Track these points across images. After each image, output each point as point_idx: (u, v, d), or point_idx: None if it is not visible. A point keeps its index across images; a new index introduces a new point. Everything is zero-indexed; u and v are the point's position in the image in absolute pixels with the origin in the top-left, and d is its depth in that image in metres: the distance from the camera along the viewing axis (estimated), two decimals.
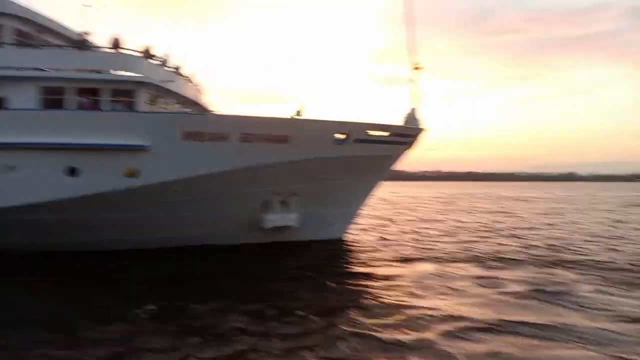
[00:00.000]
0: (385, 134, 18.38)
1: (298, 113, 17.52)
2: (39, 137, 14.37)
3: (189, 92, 20.10)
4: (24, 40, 16.94)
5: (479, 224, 27.34)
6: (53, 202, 14.41)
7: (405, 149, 19.12)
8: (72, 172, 14.60)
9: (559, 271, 13.87)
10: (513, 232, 23.03)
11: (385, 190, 32.29)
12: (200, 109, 21.01)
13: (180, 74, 19.56)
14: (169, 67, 18.60)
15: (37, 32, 17.44)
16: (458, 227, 25.59)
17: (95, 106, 15.76)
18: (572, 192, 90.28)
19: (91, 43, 17.21)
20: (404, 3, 18.62)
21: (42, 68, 16.06)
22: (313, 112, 17.43)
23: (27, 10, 17.07)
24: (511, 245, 18.64)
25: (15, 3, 16.74)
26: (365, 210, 21.77)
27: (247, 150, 15.84)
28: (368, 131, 17.62)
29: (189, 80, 20.79)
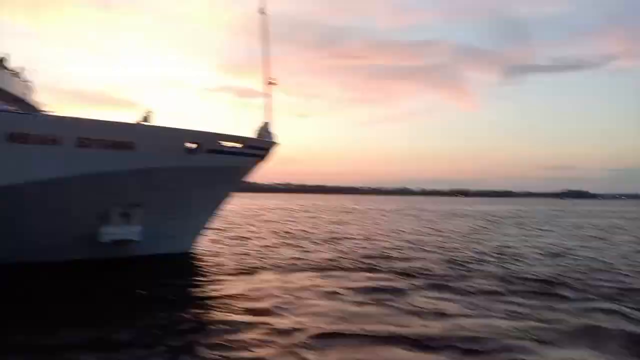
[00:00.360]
0: (238, 145, 18.24)
1: (145, 119, 16.47)
2: None
3: (13, 88, 17.62)
4: None
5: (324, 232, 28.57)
6: None
7: (258, 162, 19.19)
8: None
9: (384, 275, 14.97)
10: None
11: (236, 202, 31.88)
12: (28, 108, 18.53)
13: (4, 68, 17.11)
14: None
15: None
16: (303, 236, 26.40)
17: None
18: (402, 204, 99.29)
19: None
20: (260, 19, 18.85)
21: None
22: (161, 120, 16.43)
23: None
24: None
25: None
26: (215, 221, 21.19)
27: (84, 156, 14.41)
28: (221, 142, 17.29)
29: (15, 75, 18.27)
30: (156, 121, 16.72)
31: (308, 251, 20.46)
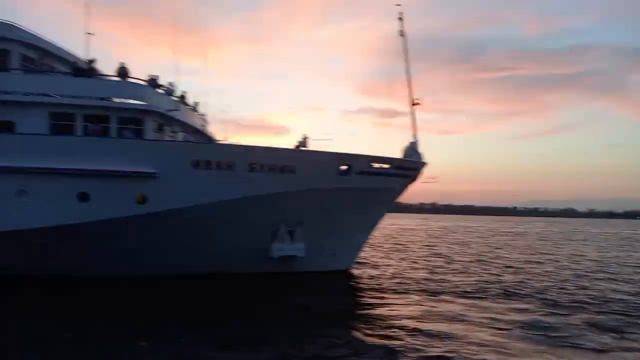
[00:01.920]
0: (387, 166, 18.53)
1: (302, 143, 17.71)
2: (48, 162, 14.36)
3: (194, 121, 20.28)
4: (29, 66, 17.13)
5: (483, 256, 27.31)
6: (64, 226, 14.33)
7: (408, 182, 19.26)
8: (84, 197, 14.55)
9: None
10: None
11: (386, 222, 32.28)
12: (205, 138, 21.16)
13: (185, 103, 19.78)
14: (174, 97, 18.83)
15: (42, 58, 17.67)
16: (471, 260, 25.53)
17: (102, 133, 15.85)
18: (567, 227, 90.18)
19: (97, 70, 17.44)
20: (400, 41, 19.17)
21: (50, 94, 16.18)
22: (315, 144, 17.57)
23: (32, 35, 17.31)
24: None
25: (21, 29, 16.98)
26: (370, 241, 21.77)
27: (254, 179, 15.89)
28: (371, 163, 17.76)
29: (194, 109, 21.02)
30: (311, 146, 17.95)
31: (467, 274, 19.80)
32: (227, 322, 11.51)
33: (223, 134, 22.59)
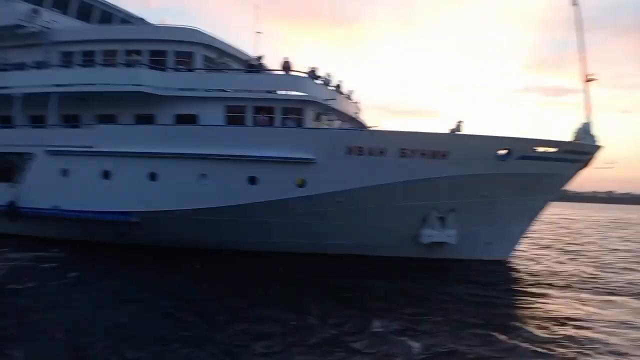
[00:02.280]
0: (553, 150, 17.12)
1: (457, 128, 17.28)
2: (224, 149, 16.36)
3: (348, 109, 21.13)
4: (209, 65, 19.61)
5: None
6: (237, 207, 16.25)
7: (579, 168, 17.56)
8: (252, 180, 16.31)
9: None
10: None
11: (551, 211, 29.85)
12: (358, 125, 21.91)
13: (340, 92, 20.69)
14: (331, 86, 19.83)
15: (220, 57, 20.02)
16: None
17: (269, 123, 17.49)
18: None
19: (265, 66, 19.21)
20: (572, 11, 17.34)
21: (226, 89, 18.37)
22: (470, 127, 16.99)
23: (212, 38, 19.76)
24: None
25: (204, 33, 19.48)
26: (531, 232, 20.41)
27: (405, 164, 16.07)
28: (534, 147, 16.59)
29: (348, 98, 21.88)
30: (466, 130, 17.42)
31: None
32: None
33: (375, 120, 23.18)
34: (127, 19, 23.83)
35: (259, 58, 19.29)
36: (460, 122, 17.14)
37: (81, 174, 17.83)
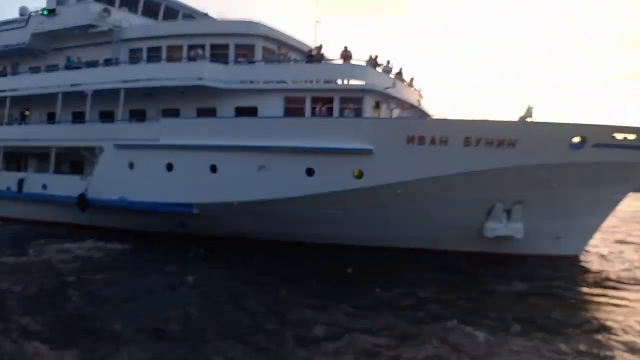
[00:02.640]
0: (633, 137, 15.72)
1: (527, 114, 16.28)
2: (282, 141, 16.34)
3: (410, 97, 20.54)
4: (269, 57, 19.67)
5: None
6: (295, 199, 16.22)
7: None
8: (310, 172, 16.18)
9: None
10: None
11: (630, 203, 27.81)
12: (420, 113, 21.27)
13: (401, 80, 20.12)
14: (391, 75, 19.33)
15: (280, 49, 20.06)
16: None
17: (328, 113, 17.30)
18: None
19: (325, 56, 19.00)
20: None
21: (285, 80, 18.37)
22: (543, 113, 15.91)
23: (273, 30, 19.83)
24: None
25: (264, 25, 19.58)
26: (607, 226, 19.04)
27: (469, 154, 15.34)
28: (613, 135, 15.32)
29: (410, 85, 21.26)
30: (537, 117, 16.36)
31: None
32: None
33: (440, 109, 22.44)
34: (192, 14, 24.45)
35: (319, 48, 19.13)
36: (530, 108, 16.10)
37: (146, 167, 18.49)
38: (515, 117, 16.48)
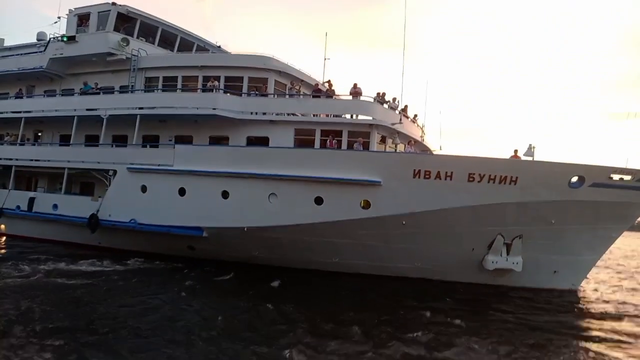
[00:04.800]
0: (628, 177, 16.56)
1: (529, 152, 17.07)
2: (293, 170, 16.98)
3: (413, 132, 21.39)
4: (281, 91, 20.56)
5: None
6: (303, 225, 16.79)
7: None
8: (319, 201, 16.77)
9: None
10: None
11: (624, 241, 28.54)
12: (423, 148, 22.09)
13: (406, 116, 20.99)
14: (397, 110, 20.20)
15: (292, 83, 20.95)
16: None
17: (337, 145, 18.04)
18: None
19: (334, 91, 19.90)
20: None
21: (296, 113, 19.18)
22: (541, 153, 16.73)
23: (285, 65, 20.77)
24: None
25: (276, 60, 20.53)
26: (602, 262, 19.71)
27: (472, 189, 16.04)
28: (611, 175, 16.14)
29: (413, 121, 22.14)
30: (537, 155, 17.14)
31: None
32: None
33: (438, 144, 23.32)
34: (206, 47, 25.43)
35: (329, 83, 20.10)
36: (532, 146, 16.92)
37: (158, 190, 19.00)
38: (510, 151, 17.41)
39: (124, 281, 15.20)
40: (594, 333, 12.58)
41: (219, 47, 25.90)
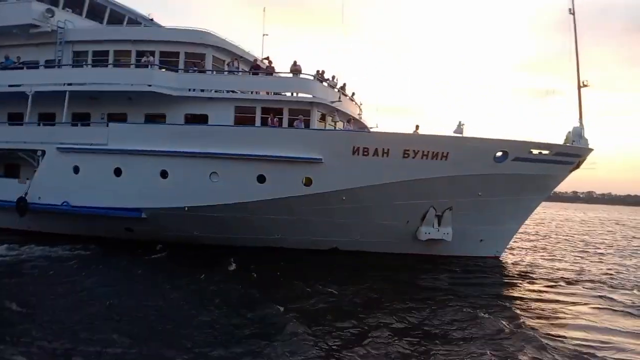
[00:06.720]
0: (546, 152, 18.08)
1: (458, 129, 18.13)
2: (235, 149, 16.99)
3: (352, 110, 21.92)
4: (219, 67, 20.25)
5: None
6: (245, 204, 16.95)
7: (570, 169, 18.57)
8: (261, 179, 16.96)
9: None
10: None
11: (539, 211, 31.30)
12: (361, 126, 22.71)
13: (344, 94, 21.44)
14: (336, 88, 20.59)
15: (230, 59, 20.68)
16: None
17: (277, 123, 18.19)
18: None
19: (274, 68, 19.90)
20: (569, 19, 18.40)
21: (235, 90, 19.03)
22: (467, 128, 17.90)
23: (223, 40, 20.42)
24: None
25: (214, 35, 20.13)
26: (522, 230, 21.57)
27: (408, 165, 16.85)
28: (530, 150, 17.53)
29: (352, 99, 22.66)
30: (466, 132, 18.27)
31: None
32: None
33: (375, 121, 24.11)
34: (137, 19, 24.34)
35: (268, 60, 20.03)
36: (462, 124, 17.99)
37: (92, 171, 18.30)
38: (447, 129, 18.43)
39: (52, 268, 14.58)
40: (511, 292, 14.14)
41: (152, 19, 24.89)
